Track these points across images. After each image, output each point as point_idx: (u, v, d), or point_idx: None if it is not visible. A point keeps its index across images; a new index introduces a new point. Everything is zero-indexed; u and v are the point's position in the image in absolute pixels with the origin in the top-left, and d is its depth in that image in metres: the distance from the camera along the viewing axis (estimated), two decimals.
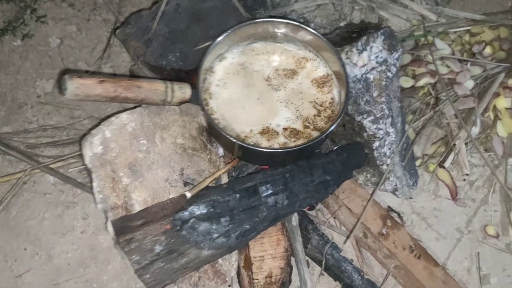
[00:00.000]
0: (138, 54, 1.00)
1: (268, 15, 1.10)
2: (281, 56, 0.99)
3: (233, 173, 0.99)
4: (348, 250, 1.06)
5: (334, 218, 1.08)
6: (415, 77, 1.21)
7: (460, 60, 1.21)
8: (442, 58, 1.22)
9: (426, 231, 1.11)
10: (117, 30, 1.05)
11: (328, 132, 0.87)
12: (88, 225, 1.06)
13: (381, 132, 0.99)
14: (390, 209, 1.09)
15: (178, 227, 0.80)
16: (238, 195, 0.88)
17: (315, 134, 0.92)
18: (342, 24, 1.29)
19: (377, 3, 1.26)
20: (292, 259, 1.01)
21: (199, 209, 0.83)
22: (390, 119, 1.00)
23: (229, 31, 0.92)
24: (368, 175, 1.04)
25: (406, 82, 1.21)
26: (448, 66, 1.20)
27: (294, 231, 1.01)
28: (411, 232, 1.10)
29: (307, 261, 1.05)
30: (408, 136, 1.11)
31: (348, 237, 1.02)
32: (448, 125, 1.17)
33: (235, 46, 0.98)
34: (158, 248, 0.78)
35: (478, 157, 1.18)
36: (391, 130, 1.00)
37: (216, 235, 0.85)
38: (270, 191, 0.89)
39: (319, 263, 1.04)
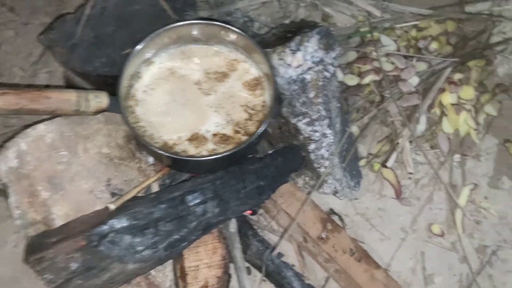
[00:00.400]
0: (63, 60, 0.96)
1: (197, 17, 1.06)
2: (212, 58, 0.96)
3: (166, 181, 0.96)
4: (291, 255, 1.04)
5: (276, 222, 1.06)
6: (360, 74, 1.19)
7: (405, 56, 1.19)
8: (387, 55, 1.19)
9: (370, 232, 1.09)
10: (41, 36, 1.01)
11: (254, 137, 0.84)
12: (21, 239, 1.02)
13: (317, 134, 0.96)
14: (332, 211, 1.07)
15: (95, 243, 0.77)
16: (164, 205, 0.85)
17: (245, 139, 0.89)
18: (287, 21, 1.26)
19: (321, 0, 1.23)
20: (233, 266, 0.99)
21: (119, 222, 0.80)
22: (327, 120, 0.98)
23: (152, 35, 0.88)
24: (307, 178, 1.02)
25: (351, 80, 1.19)
26: (393, 63, 1.18)
27: (232, 238, 0.99)
28: (355, 233, 1.08)
29: (248, 268, 1.03)
30: (351, 136, 1.09)
31: (281, 237, 0.99)
32: (392, 123, 1.16)
33: (164, 50, 0.94)
34: (73, 266, 0.75)
35: (425, 155, 1.16)
36: (328, 131, 0.98)
37: (141, 248, 0.82)
38: (198, 200, 0.87)
39: (260, 269, 1.02)
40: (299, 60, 0.97)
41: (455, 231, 1.08)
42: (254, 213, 1.07)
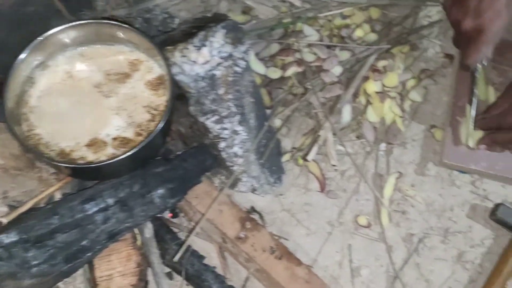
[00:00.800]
0: None
1: (93, 17, 1.02)
2: (112, 59, 0.92)
3: (70, 190, 0.92)
4: (214, 257, 1.02)
5: (196, 224, 1.03)
6: (283, 67, 1.16)
7: (328, 46, 1.17)
8: (309, 45, 1.17)
9: (296, 228, 1.07)
10: None
11: (149, 138, 0.81)
12: None
13: (226, 132, 0.94)
14: (252, 210, 1.05)
15: None
16: (60, 215, 0.81)
17: None
18: (209, 15, 1.23)
19: None
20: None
21: (8, 237, 0.77)
22: (238, 117, 0.95)
23: (41, 38, 0.85)
24: (223, 177, 1.00)
25: (274, 73, 1.16)
26: (315, 53, 1.16)
27: (148, 243, 0.96)
28: (280, 230, 1.06)
29: (170, 272, 1.00)
30: (271, 131, 1.06)
31: (186, 238, 0.96)
32: (316, 115, 1.13)
33: (60, 53, 0.90)
34: None
35: (351, 145, 1.14)
36: (239, 128, 0.95)
37: (36, 262, 0.78)
38: (98, 207, 0.83)
39: (181, 273, 0.99)
40: (206, 56, 0.94)
41: (381, 222, 1.07)
42: (175, 215, 1.04)
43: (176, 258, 0.93)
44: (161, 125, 0.82)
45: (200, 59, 0.93)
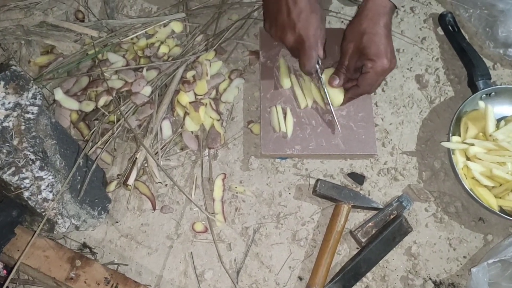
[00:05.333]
0: None
1: None
2: None
3: None
4: None
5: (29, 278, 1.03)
6: (96, 98, 1.17)
7: (135, 69, 1.20)
8: (116, 72, 1.19)
9: (137, 250, 1.09)
10: None
11: None
12: None
13: (26, 181, 0.94)
14: (83, 246, 1.06)
15: None
16: None
17: None
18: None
19: (36, 34, 1.20)
20: None
21: None
22: (38, 163, 0.95)
23: None
24: (40, 224, 1.00)
25: (88, 106, 1.17)
26: (122, 79, 1.18)
27: None
28: (122, 257, 1.08)
29: None
30: (88, 166, 1.08)
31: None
32: (134, 138, 1.16)
33: None
34: None
35: (177, 157, 1.18)
36: (42, 173, 0.96)
37: None
38: None
39: None
40: None
41: (218, 223, 1.12)
42: (9, 271, 1.03)
43: None
44: None
45: None
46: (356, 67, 1.14)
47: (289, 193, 1.16)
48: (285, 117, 1.17)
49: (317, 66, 1.13)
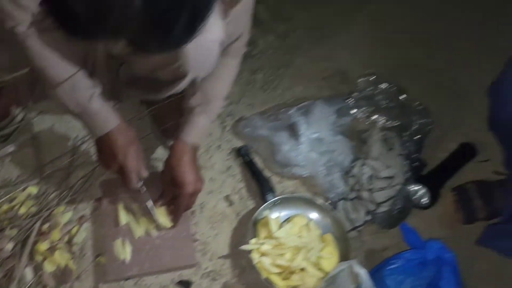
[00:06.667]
0: None
1: None
2: None
3: None
4: None
5: None
6: None
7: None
8: None
9: None
10: None
11: None
12: None
13: None
14: None
15: None
16: None
17: None
18: None
19: None
20: None
21: None
22: None
23: None
24: None
25: None
26: None
27: None
28: None
29: None
30: None
31: None
32: None
33: None
34: None
35: None
36: None
37: None
38: None
39: None
40: None
41: None
42: None
43: None
44: None
45: None
46: (174, 192, 1.55)
47: None
48: (124, 247, 1.54)
49: (141, 184, 1.50)
